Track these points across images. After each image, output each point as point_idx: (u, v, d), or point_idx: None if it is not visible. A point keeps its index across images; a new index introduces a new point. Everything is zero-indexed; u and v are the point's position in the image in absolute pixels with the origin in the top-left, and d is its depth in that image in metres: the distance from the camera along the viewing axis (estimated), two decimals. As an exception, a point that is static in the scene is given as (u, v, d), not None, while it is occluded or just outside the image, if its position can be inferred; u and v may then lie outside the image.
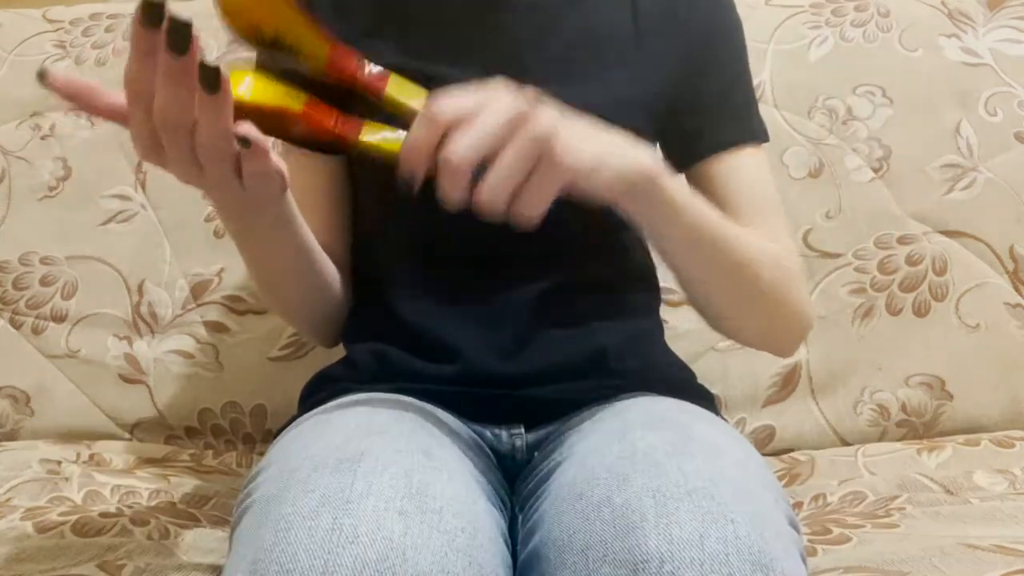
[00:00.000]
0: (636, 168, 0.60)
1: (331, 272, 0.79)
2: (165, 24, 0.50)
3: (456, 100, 0.55)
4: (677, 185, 0.64)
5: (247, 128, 0.55)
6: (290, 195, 0.67)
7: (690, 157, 0.81)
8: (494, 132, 0.53)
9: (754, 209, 0.78)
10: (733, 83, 0.82)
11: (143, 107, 0.53)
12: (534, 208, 0.56)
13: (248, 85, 0.58)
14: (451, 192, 0.54)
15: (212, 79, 0.51)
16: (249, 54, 0.64)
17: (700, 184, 0.81)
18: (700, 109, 0.80)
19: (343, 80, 0.60)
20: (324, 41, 0.60)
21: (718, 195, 0.79)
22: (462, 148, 0.53)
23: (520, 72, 0.75)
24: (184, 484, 0.92)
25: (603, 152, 0.59)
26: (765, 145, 0.82)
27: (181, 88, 0.52)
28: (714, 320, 0.79)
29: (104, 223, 1.10)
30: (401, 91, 0.60)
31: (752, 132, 0.81)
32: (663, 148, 0.84)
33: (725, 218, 0.71)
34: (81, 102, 0.53)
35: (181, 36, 0.50)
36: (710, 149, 0.79)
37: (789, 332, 0.78)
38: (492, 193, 0.54)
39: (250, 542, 0.52)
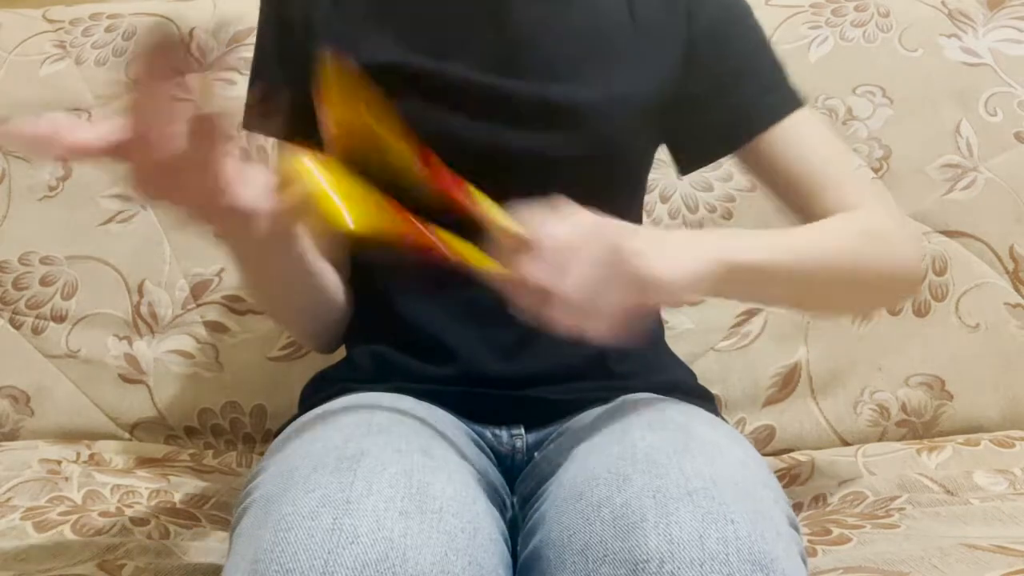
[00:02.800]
0: (712, 263, 0.61)
1: (333, 281, 0.78)
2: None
3: (551, 231, 0.57)
4: (744, 244, 0.64)
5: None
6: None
7: (735, 140, 0.79)
8: (600, 269, 0.56)
9: (820, 175, 0.76)
10: (754, 58, 0.80)
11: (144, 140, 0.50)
12: (633, 325, 0.58)
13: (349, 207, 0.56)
14: (562, 323, 0.57)
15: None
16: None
17: (757, 162, 0.79)
18: (727, 91, 0.78)
19: (432, 185, 0.60)
20: (411, 144, 0.59)
21: (780, 171, 0.77)
22: (576, 289, 0.56)
23: (517, 69, 0.75)
24: (184, 484, 0.92)
25: (679, 263, 0.59)
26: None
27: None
28: (833, 318, 0.78)
29: (104, 223, 1.10)
30: (483, 200, 0.60)
31: (789, 101, 0.78)
32: (693, 141, 0.82)
33: (794, 233, 0.71)
34: (49, 148, 0.50)
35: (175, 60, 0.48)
36: (754, 128, 0.77)
37: (901, 285, 0.77)
38: (601, 325, 0.57)
39: (250, 542, 0.52)
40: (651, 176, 0.85)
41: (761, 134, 0.77)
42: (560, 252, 0.57)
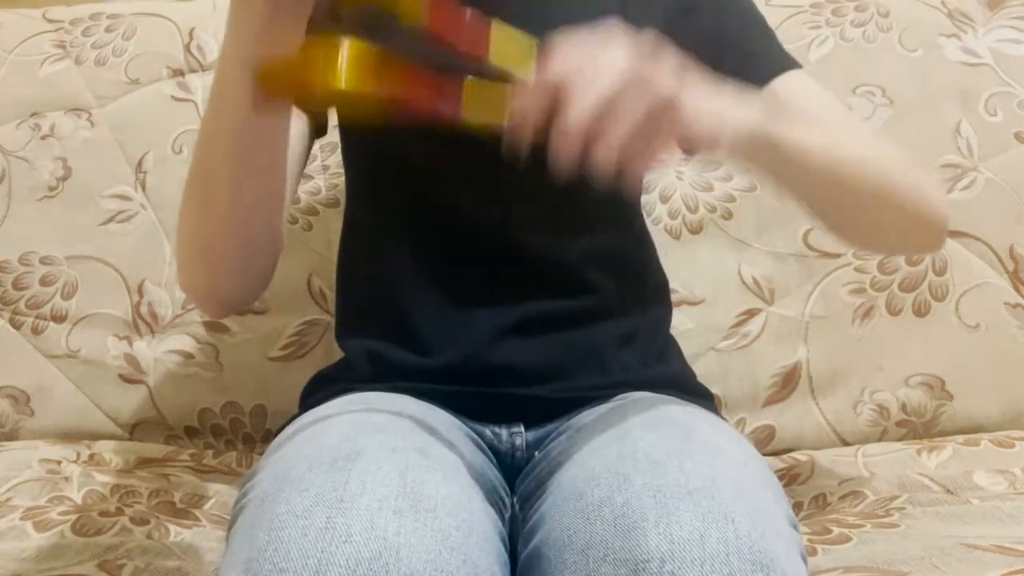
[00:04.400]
0: (753, 124, 0.58)
1: (280, 217, 0.71)
2: None
3: (568, 58, 0.51)
4: (787, 125, 0.61)
5: None
6: None
7: None
8: (611, 97, 0.50)
9: (820, 124, 0.73)
10: (740, 25, 0.79)
11: None
12: (649, 167, 0.53)
13: (347, 59, 0.50)
14: (563, 159, 0.51)
15: None
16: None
17: None
18: (717, 60, 0.72)
19: (443, 37, 0.54)
20: None
21: None
22: (577, 119, 0.50)
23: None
24: (184, 484, 0.92)
25: (722, 112, 0.56)
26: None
27: None
28: (860, 236, 0.74)
29: (104, 223, 1.10)
30: (505, 47, 0.54)
31: (778, 64, 0.76)
32: None
33: (835, 133, 0.68)
34: None
35: None
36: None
37: (930, 219, 0.71)
38: (608, 158, 0.51)
39: (244, 541, 0.52)
40: (650, 176, 0.85)
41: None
42: (591, 58, 0.51)
